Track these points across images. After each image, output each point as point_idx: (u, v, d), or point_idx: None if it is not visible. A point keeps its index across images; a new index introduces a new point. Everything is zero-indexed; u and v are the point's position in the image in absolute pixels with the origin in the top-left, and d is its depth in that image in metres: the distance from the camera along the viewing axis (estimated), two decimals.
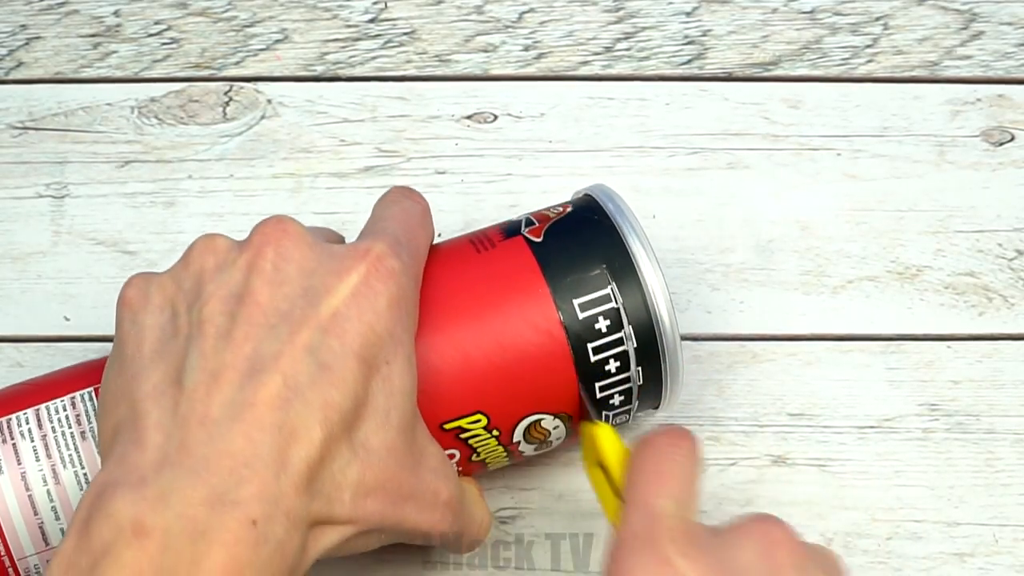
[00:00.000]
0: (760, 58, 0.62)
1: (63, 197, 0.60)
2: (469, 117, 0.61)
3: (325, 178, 0.60)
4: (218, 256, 0.44)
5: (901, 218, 0.59)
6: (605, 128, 0.61)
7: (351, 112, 0.61)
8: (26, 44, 0.62)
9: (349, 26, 0.62)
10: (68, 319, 0.58)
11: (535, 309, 0.47)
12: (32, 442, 0.47)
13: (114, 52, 0.62)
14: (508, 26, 0.62)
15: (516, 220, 0.50)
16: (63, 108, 0.61)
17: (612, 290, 0.48)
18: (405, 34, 0.62)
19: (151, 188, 0.60)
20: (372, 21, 0.63)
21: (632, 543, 0.43)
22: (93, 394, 0.48)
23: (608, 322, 0.47)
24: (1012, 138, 0.61)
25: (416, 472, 0.44)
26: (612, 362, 0.48)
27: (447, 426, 0.47)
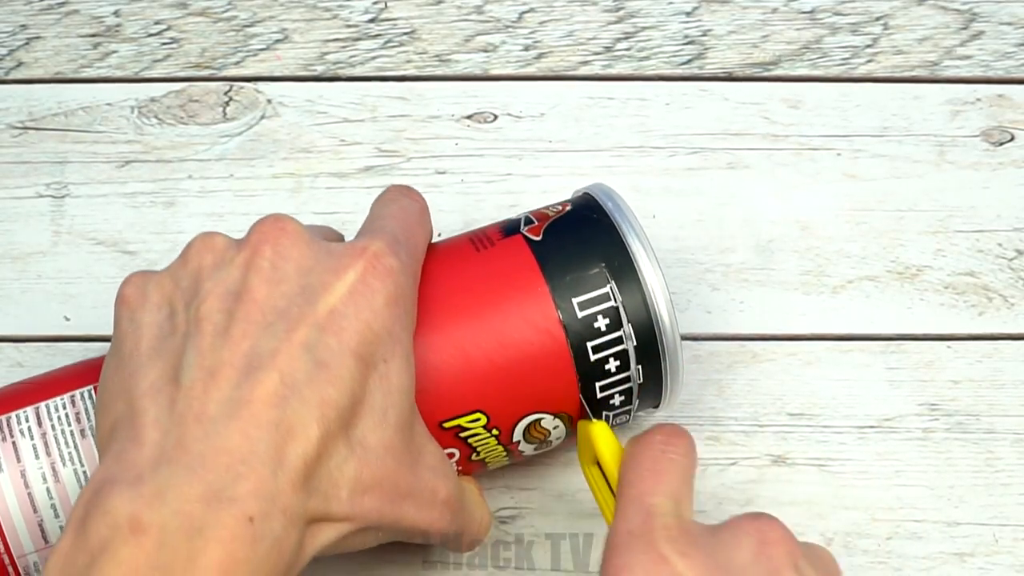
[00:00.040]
0: (760, 58, 0.62)
1: (63, 197, 0.60)
2: (469, 117, 0.61)
3: (325, 178, 0.60)
4: (216, 254, 0.44)
5: (901, 218, 0.59)
6: (605, 128, 0.61)
7: (351, 112, 0.61)
8: (26, 44, 0.62)
9: (349, 26, 0.62)
10: (68, 319, 0.58)
11: (534, 308, 0.47)
12: (32, 440, 0.47)
13: (114, 52, 0.62)
14: (508, 26, 0.62)
15: (515, 219, 0.50)
16: (63, 108, 0.61)
17: (611, 289, 0.47)
18: (405, 34, 0.62)
19: (151, 188, 0.60)
20: (372, 21, 0.63)
21: (628, 541, 0.43)
22: (92, 392, 0.47)
23: (607, 321, 0.47)
24: (1012, 138, 0.61)
25: (414, 470, 0.44)
26: (612, 361, 0.48)
27: (446, 425, 0.47)
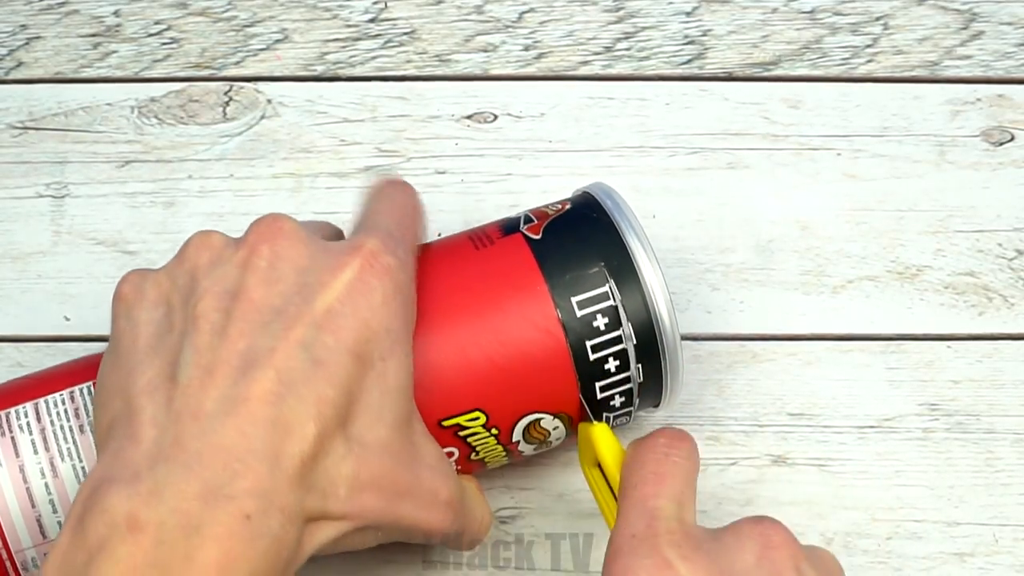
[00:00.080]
0: (760, 58, 0.62)
1: (63, 197, 0.60)
2: (469, 117, 0.61)
3: (325, 178, 0.60)
4: (213, 252, 0.44)
5: (901, 218, 0.59)
6: (605, 128, 0.61)
7: (351, 112, 0.61)
8: (26, 44, 0.62)
9: (349, 26, 0.62)
10: (68, 319, 0.58)
11: (533, 306, 0.47)
12: (31, 435, 0.47)
13: (114, 52, 0.62)
14: (508, 26, 0.62)
15: (515, 217, 0.50)
16: (63, 108, 0.61)
17: (610, 288, 0.47)
18: (405, 34, 0.62)
19: (151, 188, 0.60)
20: (372, 21, 0.63)
21: (631, 544, 0.43)
22: (92, 388, 0.47)
23: (606, 320, 0.47)
24: (1012, 138, 0.61)
25: (413, 469, 0.44)
26: (611, 360, 0.47)
27: (445, 423, 0.47)
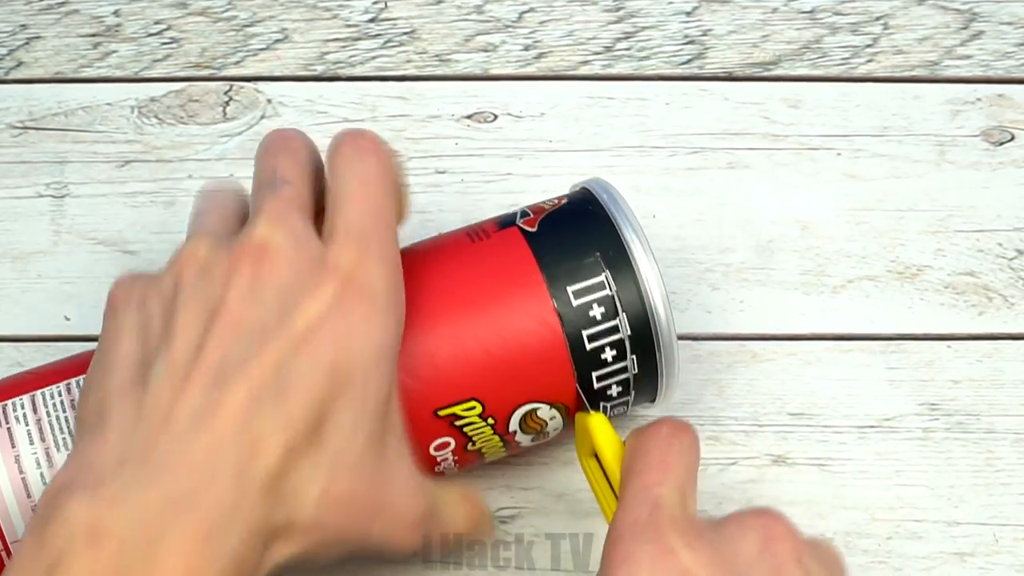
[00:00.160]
0: (760, 58, 0.62)
1: (63, 197, 0.60)
2: (469, 117, 0.61)
3: None
4: (198, 264, 0.44)
5: (901, 218, 0.59)
6: (605, 128, 0.61)
7: (351, 112, 0.61)
8: (26, 44, 0.62)
9: (349, 26, 0.63)
10: (68, 319, 0.58)
11: (530, 296, 0.47)
12: (27, 426, 0.47)
13: (114, 52, 0.62)
14: (508, 26, 0.63)
15: (512, 213, 0.50)
16: (63, 108, 0.61)
17: (606, 277, 0.47)
18: (405, 34, 0.62)
19: (151, 188, 0.60)
20: (372, 21, 0.63)
21: (633, 530, 0.42)
22: None
23: (603, 309, 0.47)
24: (1012, 138, 0.61)
25: (382, 489, 0.44)
26: (608, 350, 0.47)
27: (441, 413, 0.47)
